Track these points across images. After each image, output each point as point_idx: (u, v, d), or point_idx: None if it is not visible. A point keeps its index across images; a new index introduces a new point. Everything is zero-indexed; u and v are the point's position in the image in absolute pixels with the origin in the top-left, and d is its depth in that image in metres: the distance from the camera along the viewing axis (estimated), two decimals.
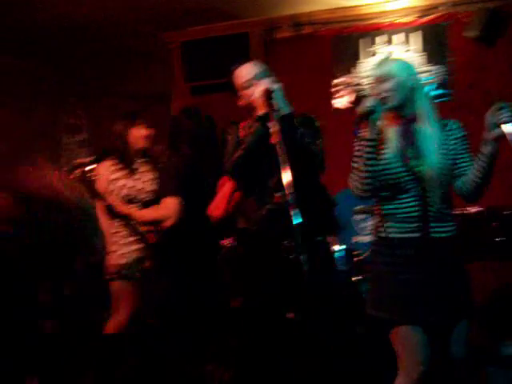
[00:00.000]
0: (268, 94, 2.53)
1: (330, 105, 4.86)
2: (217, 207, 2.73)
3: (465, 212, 4.07)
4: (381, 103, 2.14)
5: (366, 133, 2.13)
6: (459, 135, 2.23)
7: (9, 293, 3.37)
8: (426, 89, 2.25)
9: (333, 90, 4.86)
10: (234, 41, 4.88)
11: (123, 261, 3.37)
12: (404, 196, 2.17)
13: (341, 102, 4.86)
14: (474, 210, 4.08)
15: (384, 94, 2.17)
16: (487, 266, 4.09)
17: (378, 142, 2.14)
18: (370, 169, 2.12)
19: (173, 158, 3.23)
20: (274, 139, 2.39)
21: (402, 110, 2.20)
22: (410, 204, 2.17)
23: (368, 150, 2.12)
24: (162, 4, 4.51)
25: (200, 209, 2.91)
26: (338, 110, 4.85)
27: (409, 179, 2.16)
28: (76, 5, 4.44)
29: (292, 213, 2.27)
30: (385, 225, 2.20)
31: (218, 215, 2.73)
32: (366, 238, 3.80)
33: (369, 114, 2.10)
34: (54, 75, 6.22)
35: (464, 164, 2.20)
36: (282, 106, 2.58)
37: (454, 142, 2.21)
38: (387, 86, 2.18)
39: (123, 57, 5.76)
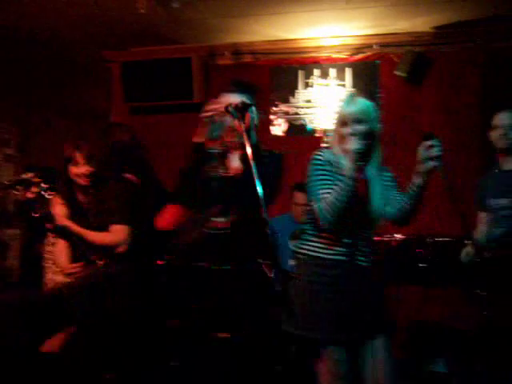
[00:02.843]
0: (243, 108, 2.43)
1: (268, 131, 5.03)
2: (163, 219, 2.78)
3: (392, 239, 4.33)
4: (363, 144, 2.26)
5: (348, 170, 2.23)
6: (390, 174, 2.48)
7: None
8: None
9: (271, 117, 5.04)
10: (175, 64, 4.96)
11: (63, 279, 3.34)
12: (344, 224, 2.31)
13: (278, 129, 5.05)
14: (400, 237, 4.34)
15: (356, 136, 2.28)
16: (413, 289, 4.33)
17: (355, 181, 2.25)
18: (347, 205, 2.22)
19: (118, 183, 3.18)
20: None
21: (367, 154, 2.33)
22: (347, 231, 2.35)
23: (350, 188, 2.21)
24: (106, 23, 4.54)
25: (146, 231, 2.92)
26: (275, 136, 5.03)
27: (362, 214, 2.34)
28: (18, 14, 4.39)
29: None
30: (320, 246, 2.35)
31: (163, 227, 2.78)
32: None
33: (360, 154, 2.23)
34: None
35: (393, 194, 2.43)
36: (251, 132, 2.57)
37: (387, 179, 2.45)
38: (361, 128, 2.31)
39: (64, 72, 5.71)
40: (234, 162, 2.62)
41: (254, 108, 2.56)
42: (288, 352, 3.31)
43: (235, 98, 2.53)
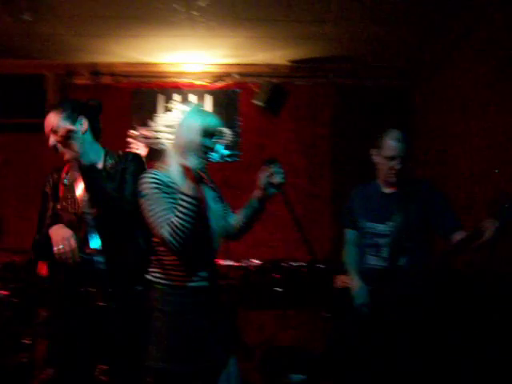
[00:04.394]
0: (69, 134, 2.32)
1: None
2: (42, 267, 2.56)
3: (249, 264, 4.41)
4: (203, 160, 2.17)
5: (188, 189, 2.12)
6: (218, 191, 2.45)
7: None
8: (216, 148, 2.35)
9: (130, 140, 4.93)
10: (28, 81, 4.68)
11: None
12: (197, 247, 2.24)
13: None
14: (257, 262, 4.44)
15: (206, 151, 2.20)
16: (268, 313, 4.42)
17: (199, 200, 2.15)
18: (193, 226, 2.11)
19: None
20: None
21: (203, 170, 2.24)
22: (203, 254, 2.28)
23: (192, 207, 2.11)
24: None
25: None
26: None
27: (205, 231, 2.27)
28: None
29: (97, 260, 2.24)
30: (178, 274, 2.23)
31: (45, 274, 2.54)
32: None
33: (198, 173, 2.13)
34: None
35: (224, 210, 2.41)
36: (86, 153, 2.38)
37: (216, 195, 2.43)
38: (211, 142, 2.23)
39: None
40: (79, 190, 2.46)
41: (77, 131, 2.37)
42: None
43: (54, 119, 2.39)
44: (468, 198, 3.90)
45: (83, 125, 2.43)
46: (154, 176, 2.18)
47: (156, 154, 5.23)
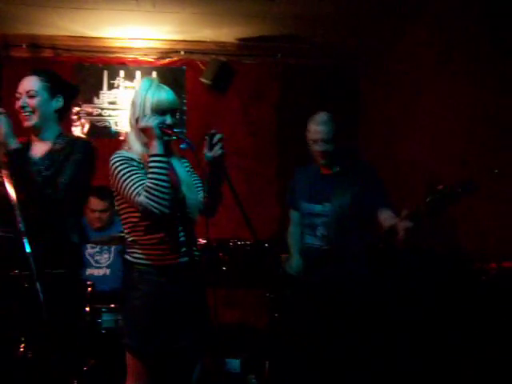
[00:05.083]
0: None
1: (71, 132, 4.76)
2: None
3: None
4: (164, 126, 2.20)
5: (154, 149, 2.16)
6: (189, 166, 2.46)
7: None
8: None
9: (73, 117, 4.80)
10: None
11: None
12: (174, 222, 2.22)
13: (80, 130, 4.82)
14: (203, 241, 4.42)
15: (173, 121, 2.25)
16: (215, 293, 4.43)
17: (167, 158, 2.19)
18: (166, 183, 2.14)
19: None
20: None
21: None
22: (180, 229, 2.25)
23: (162, 164, 2.15)
24: None
25: None
26: None
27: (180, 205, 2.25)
28: None
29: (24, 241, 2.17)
30: (157, 253, 2.22)
31: None
32: (101, 271, 3.75)
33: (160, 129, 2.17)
34: None
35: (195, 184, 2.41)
36: (8, 137, 2.27)
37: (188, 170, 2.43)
38: (173, 120, 2.26)
39: None
40: None
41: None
42: None
43: (35, 84, 2.40)
44: (408, 184, 3.99)
45: (59, 103, 2.47)
46: (121, 154, 2.24)
47: (100, 131, 5.16)
